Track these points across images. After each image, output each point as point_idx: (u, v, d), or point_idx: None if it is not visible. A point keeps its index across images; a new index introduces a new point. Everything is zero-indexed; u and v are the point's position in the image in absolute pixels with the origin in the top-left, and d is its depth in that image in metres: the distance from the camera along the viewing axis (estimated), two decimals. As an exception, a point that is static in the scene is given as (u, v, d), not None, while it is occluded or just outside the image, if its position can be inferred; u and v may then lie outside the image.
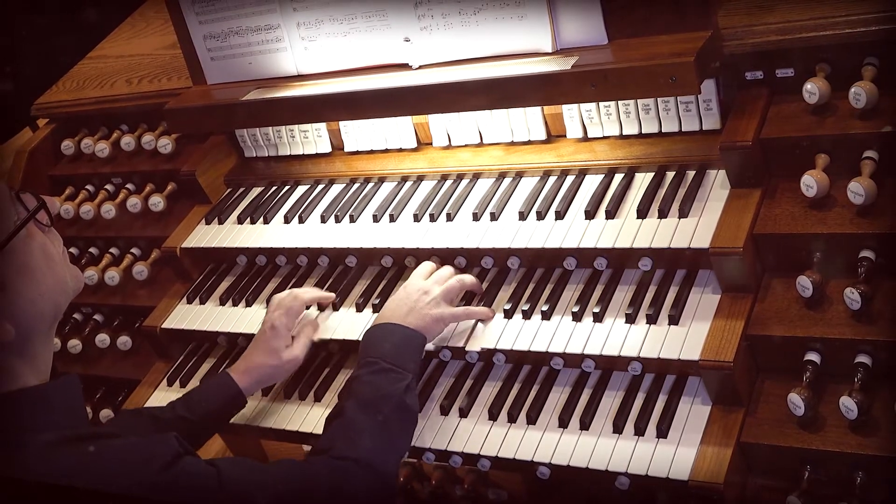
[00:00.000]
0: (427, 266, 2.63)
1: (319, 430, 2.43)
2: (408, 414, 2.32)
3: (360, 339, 2.50)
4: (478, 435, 2.43)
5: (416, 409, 2.35)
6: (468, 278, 2.59)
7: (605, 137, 2.73)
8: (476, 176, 2.85)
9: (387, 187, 2.97)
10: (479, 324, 2.54)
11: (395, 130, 3.00)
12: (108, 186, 3.58)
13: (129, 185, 3.54)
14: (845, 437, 2.10)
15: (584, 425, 2.33)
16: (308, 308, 2.77)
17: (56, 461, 1.78)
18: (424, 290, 2.53)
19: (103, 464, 1.82)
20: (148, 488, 1.83)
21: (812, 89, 2.33)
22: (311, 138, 3.16)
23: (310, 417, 2.64)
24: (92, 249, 3.55)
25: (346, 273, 2.87)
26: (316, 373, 2.73)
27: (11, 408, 1.81)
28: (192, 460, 1.93)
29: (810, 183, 2.27)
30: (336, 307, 2.77)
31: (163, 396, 2.93)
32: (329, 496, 2.10)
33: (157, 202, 3.37)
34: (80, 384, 1.95)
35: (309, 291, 2.76)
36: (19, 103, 3.90)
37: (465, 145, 2.92)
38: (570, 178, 2.70)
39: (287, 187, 3.16)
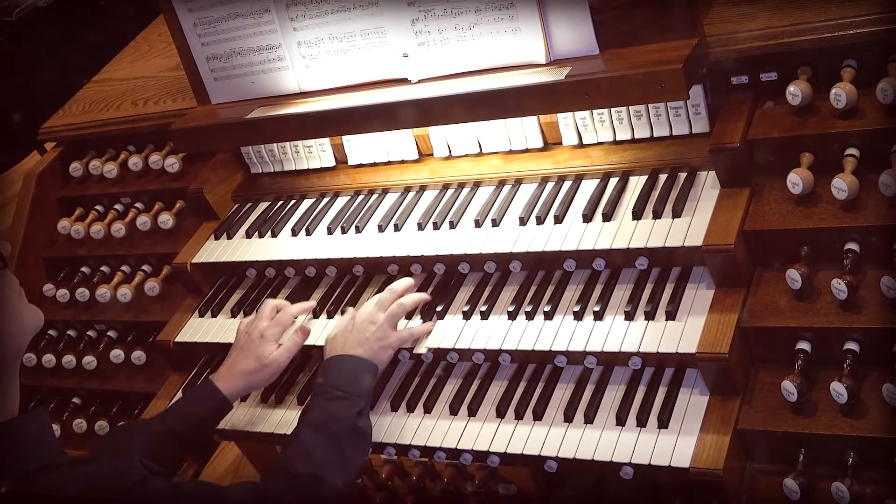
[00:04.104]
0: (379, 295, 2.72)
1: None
2: (359, 436, 2.41)
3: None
4: (487, 433, 2.49)
5: (368, 432, 2.44)
6: (408, 301, 2.67)
7: (599, 143, 2.78)
8: (476, 184, 2.91)
9: (390, 198, 3.02)
10: (484, 326, 2.60)
11: (397, 143, 3.05)
12: (117, 206, 3.64)
13: (137, 204, 3.60)
14: (837, 420, 2.16)
15: (589, 419, 2.39)
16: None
17: (26, 489, 1.83)
18: (371, 320, 2.61)
19: (71, 489, 1.88)
20: None
21: (795, 91, 2.40)
22: (316, 153, 3.22)
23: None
24: (104, 268, 3.60)
25: (354, 282, 2.94)
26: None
27: None
28: (156, 482, 2.00)
29: (796, 181, 2.34)
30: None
31: (179, 408, 2.99)
32: None
33: (167, 220, 3.44)
34: (47, 416, 2.01)
35: (297, 305, 2.84)
36: (26, 128, 3.95)
37: (465, 155, 2.98)
38: (567, 184, 2.76)
39: (293, 201, 3.21)
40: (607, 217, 2.59)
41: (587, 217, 2.61)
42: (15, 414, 1.94)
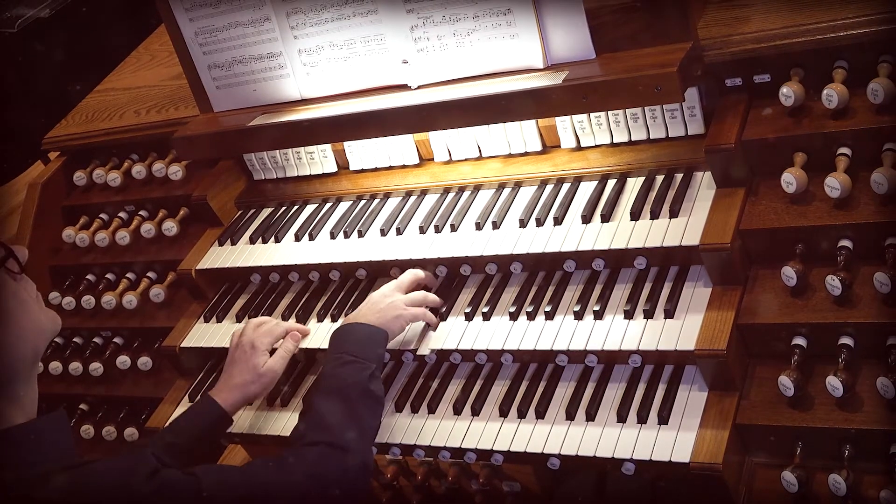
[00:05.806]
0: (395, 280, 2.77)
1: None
2: (372, 399, 2.41)
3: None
4: (490, 432, 2.51)
5: (380, 395, 2.45)
6: (420, 272, 2.76)
7: (597, 146, 2.82)
8: (477, 188, 2.94)
9: (392, 202, 3.05)
10: (486, 327, 2.63)
11: (398, 148, 3.09)
12: (121, 214, 3.66)
13: (142, 212, 3.62)
14: (832, 413, 2.20)
15: (590, 416, 2.42)
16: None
17: (43, 491, 1.86)
18: (385, 294, 2.68)
19: (87, 485, 1.91)
20: (131, 500, 1.94)
21: (788, 93, 2.43)
22: (318, 159, 3.25)
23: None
24: (109, 275, 3.62)
25: (357, 286, 2.97)
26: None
27: (1, 445, 1.90)
28: (170, 471, 2.02)
29: (790, 180, 2.38)
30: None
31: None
32: (305, 480, 2.18)
33: (171, 227, 3.47)
34: (66, 418, 2.03)
35: (288, 324, 2.85)
36: (29, 138, 3.97)
37: (465, 159, 3.01)
38: (566, 186, 2.79)
39: (296, 207, 3.24)
40: (606, 218, 2.62)
41: (586, 218, 2.65)
42: (34, 416, 1.97)
